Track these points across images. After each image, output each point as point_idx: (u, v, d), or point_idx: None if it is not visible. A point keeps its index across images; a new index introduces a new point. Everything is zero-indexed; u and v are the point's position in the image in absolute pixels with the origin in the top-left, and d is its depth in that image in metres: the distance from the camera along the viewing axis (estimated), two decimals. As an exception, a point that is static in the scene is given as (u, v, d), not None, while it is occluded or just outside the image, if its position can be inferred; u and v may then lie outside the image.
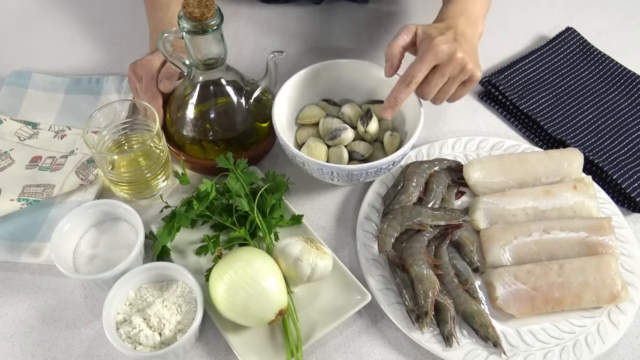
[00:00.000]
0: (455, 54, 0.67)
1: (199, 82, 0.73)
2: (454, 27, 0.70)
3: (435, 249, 0.70)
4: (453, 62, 0.67)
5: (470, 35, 0.71)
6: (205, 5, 0.64)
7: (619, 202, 0.76)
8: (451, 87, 0.70)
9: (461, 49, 0.67)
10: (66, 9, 1.04)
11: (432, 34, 0.68)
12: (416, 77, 0.67)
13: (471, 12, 0.74)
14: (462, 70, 0.68)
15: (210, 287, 0.61)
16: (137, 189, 0.73)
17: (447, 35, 0.68)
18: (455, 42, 0.67)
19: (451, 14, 0.73)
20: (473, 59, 0.69)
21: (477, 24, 0.74)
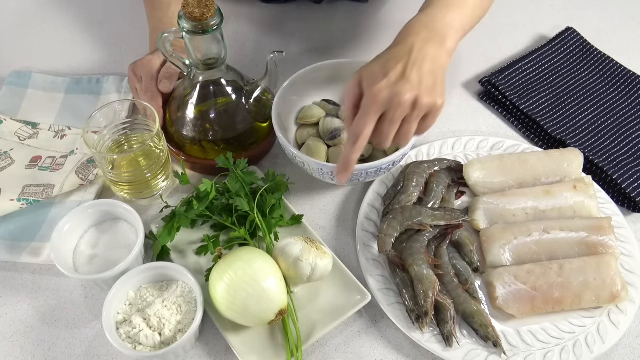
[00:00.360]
0: (401, 97, 0.58)
1: (199, 82, 0.73)
2: (408, 53, 0.61)
3: (435, 249, 0.70)
4: (400, 106, 0.59)
5: (433, 55, 0.62)
6: (205, 5, 0.64)
7: (619, 202, 0.76)
8: (410, 129, 0.61)
9: (408, 87, 0.59)
10: (66, 9, 1.04)
11: (373, 78, 0.60)
12: (362, 133, 0.60)
13: (441, 24, 0.65)
14: (415, 108, 0.60)
15: (210, 287, 0.61)
16: (137, 189, 0.73)
17: (390, 76, 0.59)
18: (400, 81, 0.59)
19: (415, 29, 0.64)
20: (429, 87, 0.60)
21: (444, 39, 0.64)
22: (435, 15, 0.66)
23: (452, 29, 0.65)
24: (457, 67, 0.94)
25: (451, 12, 0.67)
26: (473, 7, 0.70)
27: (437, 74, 0.61)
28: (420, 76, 0.60)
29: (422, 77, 0.60)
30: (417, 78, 0.59)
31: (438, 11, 0.66)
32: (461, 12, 0.68)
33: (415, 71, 0.60)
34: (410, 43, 0.62)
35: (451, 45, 0.65)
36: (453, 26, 0.66)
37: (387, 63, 0.61)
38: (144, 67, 0.77)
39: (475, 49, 0.97)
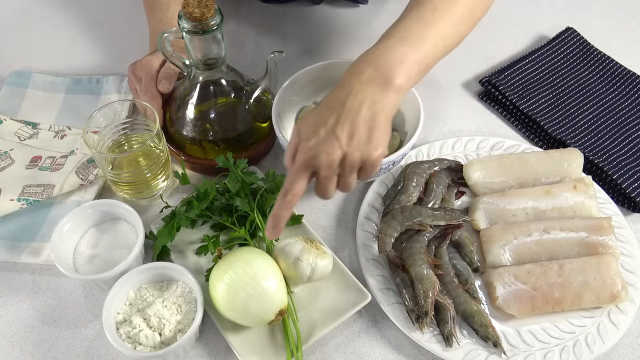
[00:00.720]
0: (328, 157, 0.56)
1: (199, 82, 0.73)
2: (343, 102, 0.58)
3: (435, 249, 0.70)
4: (329, 166, 0.56)
5: (372, 99, 0.58)
6: (205, 5, 0.64)
7: (619, 202, 0.76)
8: (347, 182, 0.59)
9: (336, 145, 0.56)
10: (66, 9, 1.04)
11: (306, 134, 0.57)
12: (291, 190, 0.57)
13: (390, 60, 0.59)
14: (345, 165, 0.57)
15: (210, 287, 0.61)
16: (137, 189, 0.73)
17: (320, 133, 0.56)
18: (328, 139, 0.56)
19: (360, 67, 0.60)
20: (361, 140, 0.56)
21: (390, 78, 0.58)
22: (385, 50, 0.61)
23: (404, 65, 0.60)
24: (457, 67, 0.94)
25: (405, 46, 0.61)
26: (440, 36, 0.64)
27: (375, 121, 0.57)
28: (352, 130, 0.56)
29: (354, 130, 0.56)
30: (348, 133, 0.56)
31: (391, 44, 0.61)
32: (419, 45, 0.62)
33: (347, 125, 0.56)
34: (350, 87, 0.59)
35: (401, 83, 0.59)
36: (405, 62, 0.60)
37: (322, 114, 0.58)
38: (143, 68, 0.77)
39: (475, 49, 0.97)
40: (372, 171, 0.59)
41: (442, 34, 0.64)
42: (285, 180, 0.58)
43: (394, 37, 0.62)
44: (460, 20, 0.66)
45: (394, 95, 0.59)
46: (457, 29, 0.66)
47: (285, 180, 0.58)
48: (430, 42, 0.63)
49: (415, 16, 0.64)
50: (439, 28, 0.64)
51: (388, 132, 0.59)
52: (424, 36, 0.63)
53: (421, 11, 0.64)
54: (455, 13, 0.65)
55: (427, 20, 0.64)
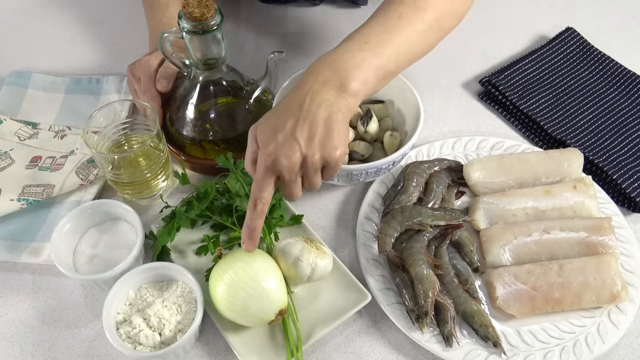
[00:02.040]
0: (289, 160, 0.56)
1: (199, 82, 0.73)
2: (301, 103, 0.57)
3: (435, 249, 0.70)
4: (291, 169, 0.56)
5: (329, 100, 0.57)
6: (205, 5, 0.64)
7: (619, 202, 0.76)
8: (312, 182, 0.59)
9: (296, 148, 0.55)
10: (66, 9, 1.04)
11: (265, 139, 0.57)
12: (260, 199, 0.57)
13: (347, 64, 0.59)
14: (306, 168, 0.57)
15: (210, 287, 0.61)
16: (137, 189, 0.73)
17: (278, 138, 0.56)
18: (288, 142, 0.56)
19: (318, 68, 0.59)
20: (321, 141, 0.56)
21: (346, 82, 0.58)
22: (344, 53, 0.60)
23: (361, 70, 0.59)
24: (457, 67, 0.94)
25: (366, 51, 0.60)
26: (404, 43, 0.63)
27: (334, 121, 0.57)
28: (311, 131, 0.56)
29: (313, 131, 0.56)
30: (307, 134, 0.56)
31: (351, 48, 0.61)
32: (379, 51, 0.61)
33: (306, 127, 0.56)
34: (307, 88, 0.58)
35: (356, 87, 0.59)
36: (362, 67, 0.59)
37: (280, 117, 0.58)
38: (142, 68, 0.77)
39: (475, 49, 0.97)
40: (335, 170, 0.59)
41: (407, 41, 0.63)
42: (252, 190, 0.58)
43: (356, 41, 0.62)
44: (427, 28, 0.65)
45: (350, 98, 0.59)
46: (424, 37, 0.66)
47: (252, 190, 0.58)
48: (391, 49, 0.62)
49: (380, 21, 0.64)
50: (403, 35, 0.63)
51: (347, 132, 0.59)
52: (385, 42, 0.62)
53: (387, 17, 0.64)
54: (422, 20, 0.64)
55: (391, 26, 0.63)
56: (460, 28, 1.00)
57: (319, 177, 0.59)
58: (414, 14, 0.64)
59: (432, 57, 0.95)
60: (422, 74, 0.93)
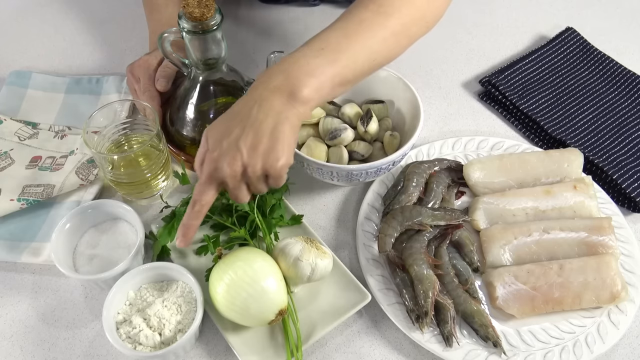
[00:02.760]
0: (231, 168, 0.56)
1: (199, 82, 0.73)
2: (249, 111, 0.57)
3: (435, 249, 0.70)
4: (233, 177, 0.56)
5: (278, 108, 0.56)
6: (205, 5, 0.64)
7: (619, 202, 0.76)
8: (257, 189, 0.59)
9: (238, 157, 0.55)
10: (66, 9, 1.04)
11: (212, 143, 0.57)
12: (199, 201, 0.57)
13: (301, 71, 0.58)
14: (248, 177, 0.57)
15: (210, 287, 0.61)
16: (137, 189, 0.73)
17: (223, 145, 0.56)
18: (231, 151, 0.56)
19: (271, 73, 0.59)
20: (265, 150, 0.55)
21: (297, 89, 0.57)
22: (298, 59, 0.59)
23: (314, 77, 0.58)
24: (457, 67, 0.94)
25: (321, 57, 0.59)
26: (364, 50, 0.61)
27: (279, 131, 0.56)
28: (255, 141, 0.56)
29: (257, 141, 0.56)
30: (250, 144, 0.55)
31: (306, 54, 0.59)
32: (336, 58, 0.59)
33: (251, 136, 0.56)
34: (257, 95, 0.58)
35: (308, 95, 0.57)
36: (316, 75, 0.58)
37: (229, 123, 0.57)
38: (141, 68, 0.77)
39: (475, 49, 0.97)
40: (277, 180, 0.58)
41: (367, 48, 0.61)
42: (194, 191, 0.58)
43: (313, 47, 0.60)
44: (390, 35, 0.63)
45: (300, 106, 0.58)
46: (387, 44, 0.63)
47: (194, 191, 0.58)
48: (349, 55, 0.60)
49: (341, 27, 0.62)
50: (363, 41, 0.61)
51: (293, 142, 0.58)
52: (343, 48, 0.60)
53: (348, 22, 0.62)
54: (385, 27, 0.62)
55: (350, 32, 0.61)
56: (460, 28, 1.01)
57: (263, 185, 0.59)
58: (376, 20, 0.62)
59: (432, 57, 0.96)
60: (422, 74, 0.94)
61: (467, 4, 1.05)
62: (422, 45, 0.96)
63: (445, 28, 1.00)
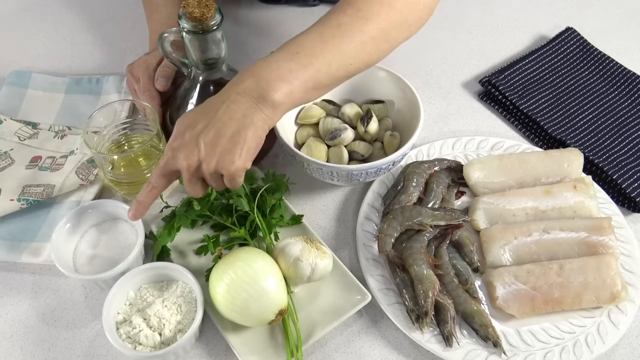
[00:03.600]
0: (186, 161, 0.57)
1: (199, 82, 0.73)
2: (216, 110, 0.57)
3: (435, 249, 0.70)
4: (187, 170, 0.57)
5: (243, 112, 0.56)
6: (205, 5, 0.64)
7: (619, 202, 0.76)
8: (213, 185, 0.59)
9: (195, 152, 0.56)
10: (66, 9, 1.04)
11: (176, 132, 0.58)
12: (152, 184, 0.60)
13: (272, 74, 0.57)
14: (203, 172, 0.58)
15: (210, 287, 0.61)
16: (137, 189, 0.73)
17: (185, 136, 0.57)
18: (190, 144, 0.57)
19: (243, 76, 0.58)
20: (223, 152, 0.56)
21: (267, 93, 0.57)
22: (271, 63, 0.58)
23: (285, 82, 0.57)
24: (457, 67, 0.94)
25: (294, 62, 0.58)
26: (339, 55, 0.60)
27: (240, 135, 0.56)
28: (215, 140, 0.56)
29: (216, 141, 0.56)
30: (210, 142, 0.56)
31: (279, 57, 0.59)
32: (309, 62, 0.59)
33: (211, 134, 0.56)
34: (226, 96, 0.58)
35: (278, 99, 0.57)
36: (288, 79, 0.58)
37: (196, 116, 0.58)
38: (141, 68, 0.77)
39: (475, 49, 0.97)
40: (232, 182, 0.58)
41: (343, 52, 0.60)
42: (152, 172, 0.61)
43: (287, 50, 0.60)
44: (368, 39, 0.61)
45: (268, 110, 0.57)
46: (364, 48, 0.62)
47: (152, 172, 0.61)
48: (323, 60, 0.59)
49: (317, 31, 0.61)
50: (339, 46, 0.60)
51: (254, 147, 0.58)
52: (317, 54, 0.59)
53: (324, 26, 0.61)
54: (362, 31, 0.61)
55: (326, 36, 0.60)
56: (460, 28, 1.01)
57: (219, 183, 0.59)
58: (354, 24, 0.61)
59: (432, 57, 0.96)
60: (422, 74, 0.94)
61: (467, 4, 1.05)
62: (422, 45, 0.97)
63: (445, 28, 1.00)
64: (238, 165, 0.57)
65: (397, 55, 0.93)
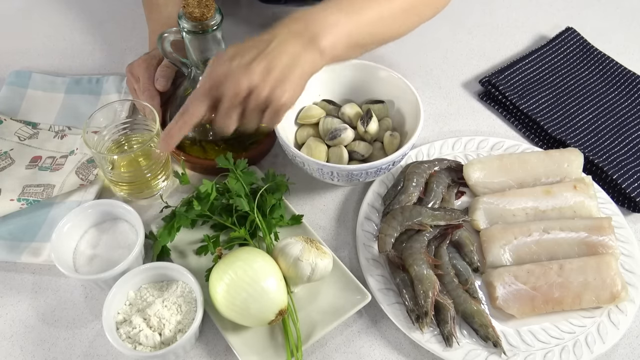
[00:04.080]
0: (235, 84, 0.55)
1: (199, 82, 0.73)
2: (266, 44, 0.57)
3: (435, 249, 0.70)
4: (235, 94, 0.56)
5: (295, 51, 0.57)
6: (205, 5, 0.64)
7: (619, 202, 0.76)
8: (251, 120, 0.59)
9: (246, 76, 0.55)
10: (66, 9, 1.04)
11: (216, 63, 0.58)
12: (188, 110, 0.58)
13: (321, 22, 0.59)
14: (251, 99, 0.57)
15: (210, 287, 0.61)
16: (137, 189, 0.73)
17: (233, 62, 0.56)
18: (241, 69, 0.56)
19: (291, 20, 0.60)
20: (275, 80, 0.56)
21: (316, 38, 0.58)
22: (319, 12, 0.61)
23: (333, 31, 0.59)
24: (457, 67, 0.94)
25: (340, 14, 0.61)
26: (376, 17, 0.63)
27: (293, 70, 0.57)
28: (269, 67, 0.56)
29: (270, 68, 0.56)
30: (263, 69, 0.56)
31: (325, 8, 0.61)
32: (353, 18, 0.61)
33: (264, 63, 0.56)
34: (276, 34, 0.59)
35: (326, 46, 0.59)
36: (334, 28, 0.60)
37: (243, 48, 0.58)
38: (141, 67, 0.77)
39: (475, 49, 0.97)
40: (274, 117, 0.58)
41: (380, 17, 0.64)
42: (185, 102, 0.58)
43: (329, 5, 0.62)
44: (400, 12, 0.66)
45: (316, 55, 0.59)
46: (396, 19, 0.66)
47: (185, 102, 0.58)
48: (365, 20, 0.62)
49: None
50: (377, 10, 0.64)
51: (300, 88, 0.59)
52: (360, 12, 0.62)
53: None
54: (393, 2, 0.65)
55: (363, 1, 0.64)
56: (460, 28, 1.01)
57: (257, 118, 0.59)
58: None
59: (432, 57, 0.96)
60: (422, 74, 0.94)
61: (467, 4, 1.05)
62: (422, 45, 0.97)
63: (445, 28, 1.00)
64: (287, 99, 0.57)
65: (397, 55, 0.93)
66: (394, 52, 0.93)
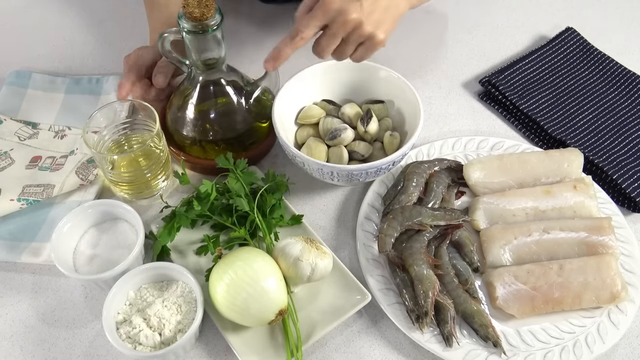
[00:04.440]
0: (347, 15, 0.62)
1: (199, 82, 0.73)
2: None
3: (435, 249, 0.70)
4: (344, 24, 0.63)
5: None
6: (205, 5, 0.64)
7: (619, 202, 0.76)
8: (345, 50, 0.66)
9: (358, 9, 0.62)
10: (66, 9, 1.04)
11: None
12: (301, 32, 0.64)
13: None
14: (355, 32, 0.64)
15: (210, 287, 0.61)
16: (137, 189, 0.73)
17: None
18: (353, 2, 0.62)
19: None
20: (377, 19, 0.64)
21: None
22: None
23: None
24: (457, 67, 0.94)
25: None
26: None
27: (390, 13, 0.66)
28: (374, 7, 0.64)
29: (375, 8, 0.64)
30: (370, 7, 0.63)
31: None
32: None
33: (370, 1, 0.63)
34: None
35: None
36: None
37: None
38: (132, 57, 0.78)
39: (475, 49, 0.97)
40: (368, 51, 0.67)
41: None
42: (299, 23, 0.64)
43: None
44: None
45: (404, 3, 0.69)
46: None
47: (299, 23, 0.64)
48: None
49: None
50: None
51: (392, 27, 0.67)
52: None
53: None
54: None
55: None
56: (460, 28, 1.01)
57: (351, 50, 0.66)
58: None
59: (432, 57, 0.96)
60: (422, 74, 0.94)
61: (467, 4, 1.05)
62: (422, 45, 0.97)
63: (445, 28, 1.00)
64: (383, 39, 0.66)
65: (397, 55, 0.93)
66: (394, 52, 0.93)
